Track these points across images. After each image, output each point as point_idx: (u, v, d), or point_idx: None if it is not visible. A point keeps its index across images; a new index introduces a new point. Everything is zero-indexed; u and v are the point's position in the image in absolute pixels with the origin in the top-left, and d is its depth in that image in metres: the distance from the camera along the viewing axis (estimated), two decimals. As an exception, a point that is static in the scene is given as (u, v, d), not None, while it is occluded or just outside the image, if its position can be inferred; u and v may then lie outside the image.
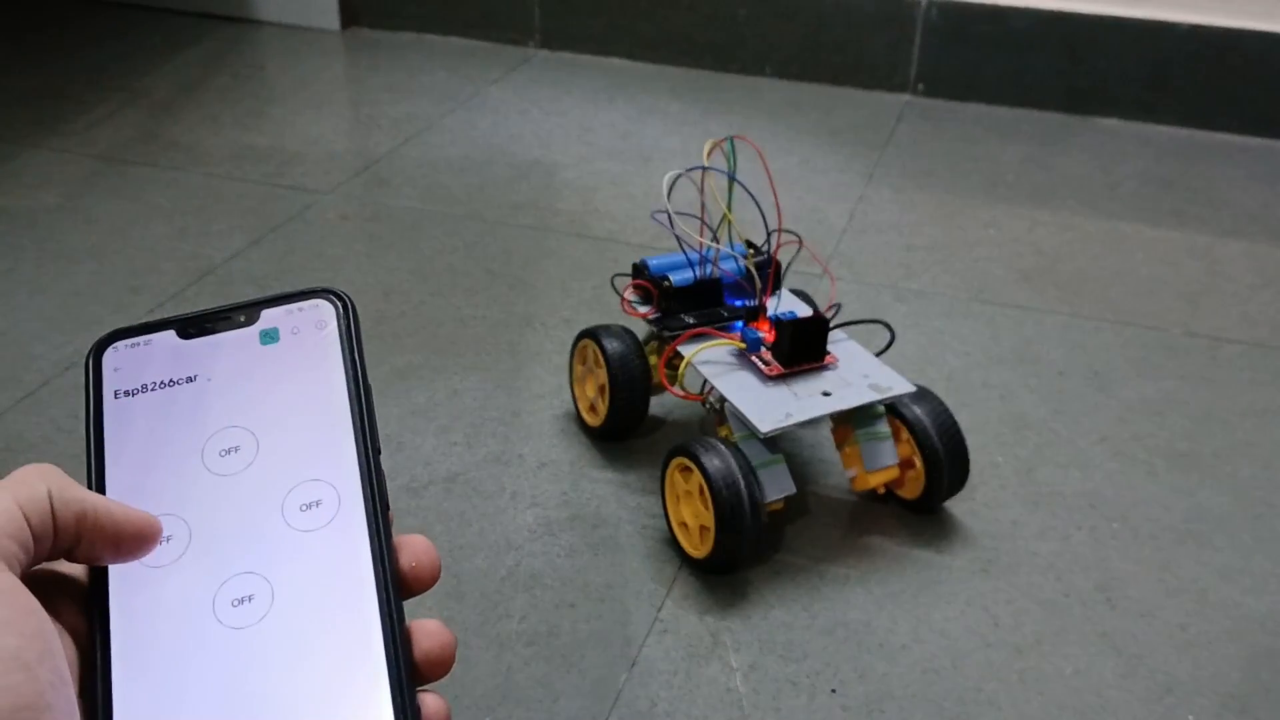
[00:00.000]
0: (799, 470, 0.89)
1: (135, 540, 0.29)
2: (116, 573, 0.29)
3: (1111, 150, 1.47)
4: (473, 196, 1.31)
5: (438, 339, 1.05)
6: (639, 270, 0.87)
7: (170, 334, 0.32)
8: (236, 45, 1.75)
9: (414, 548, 0.30)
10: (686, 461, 0.77)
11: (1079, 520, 0.85)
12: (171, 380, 0.31)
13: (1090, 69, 1.53)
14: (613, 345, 0.87)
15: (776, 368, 0.80)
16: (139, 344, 0.32)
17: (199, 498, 0.30)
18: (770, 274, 0.86)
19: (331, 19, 1.80)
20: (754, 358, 0.81)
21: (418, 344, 1.04)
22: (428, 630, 0.29)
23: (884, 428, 0.81)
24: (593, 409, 0.91)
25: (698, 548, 0.78)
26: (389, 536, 0.30)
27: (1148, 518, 0.86)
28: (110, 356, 0.31)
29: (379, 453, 0.31)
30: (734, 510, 0.74)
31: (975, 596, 0.78)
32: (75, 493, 0.28)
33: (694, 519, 0.79)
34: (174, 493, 0.30)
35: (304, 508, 0.30)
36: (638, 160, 1.41)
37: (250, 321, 0.32)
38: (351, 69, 1.70)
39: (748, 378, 0.80)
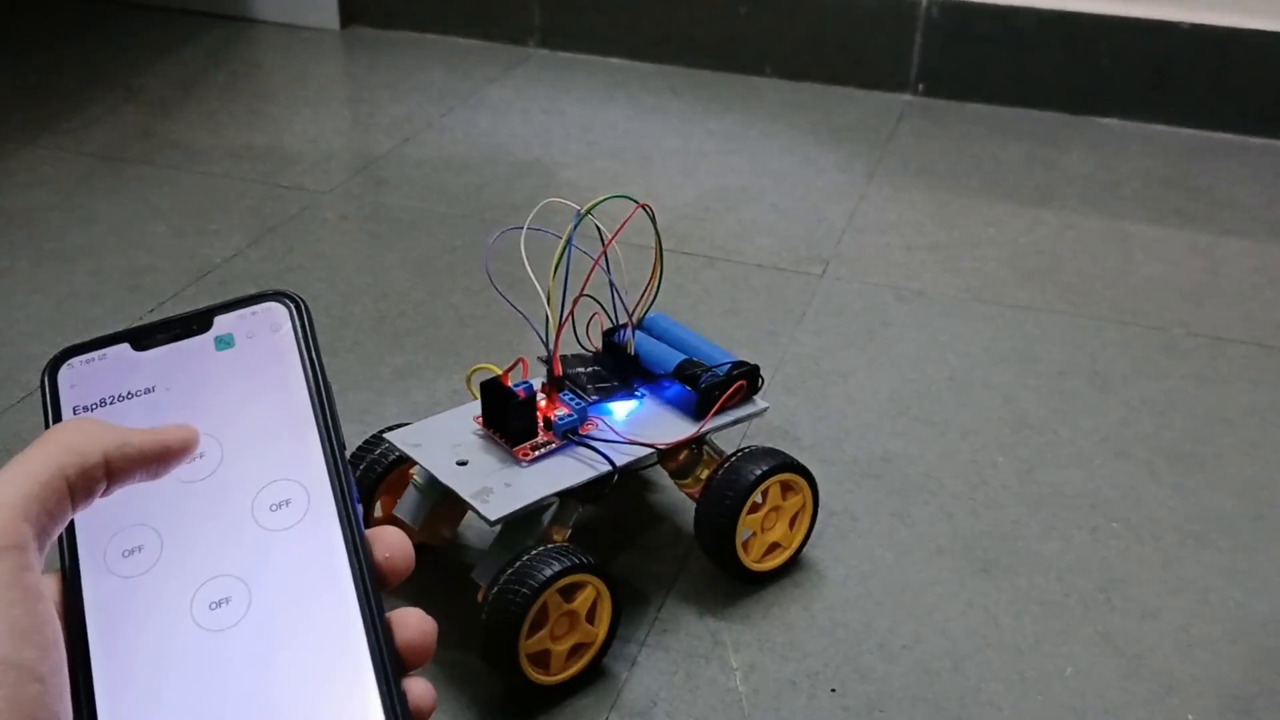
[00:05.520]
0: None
1: (164, 464, 0.29)
2: (91, 583, 0.29)
3: (1113, 149, 1.46)
4: (472, 196, 1.31)
5: (438, 339, 1.05)
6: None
7: (124, 347, 0.32)
8: (235, 44, 1.75)
9: (386, 539, 0.31)
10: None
11: (1080, 520, 0.85)
12: (130, 393, 0.31)
13: (1092, 68, 1.53)
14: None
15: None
16: (94, 359, 0.31)
17: (168, 505, 0.30)
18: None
19: (330, 18, 1.79)
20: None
21: (418, 344, 1.04)
22: (407, 620, 0.29)
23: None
24: None
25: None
26: (361, 530, 0.30)
27: (1149, 518, 0.85)
28: (65, 373, 0.31)
29: (344, 449, 0.31)
30: None
31: (976, 597, 0.78)
32: (131, 445, 0.28)
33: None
34: (142, 502, 0.30)
35: (274, 507, 0.30)
36: (638, 160, 1.41)
37: (204, 329, 0.32)
38: (350, 68, 1.70)
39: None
